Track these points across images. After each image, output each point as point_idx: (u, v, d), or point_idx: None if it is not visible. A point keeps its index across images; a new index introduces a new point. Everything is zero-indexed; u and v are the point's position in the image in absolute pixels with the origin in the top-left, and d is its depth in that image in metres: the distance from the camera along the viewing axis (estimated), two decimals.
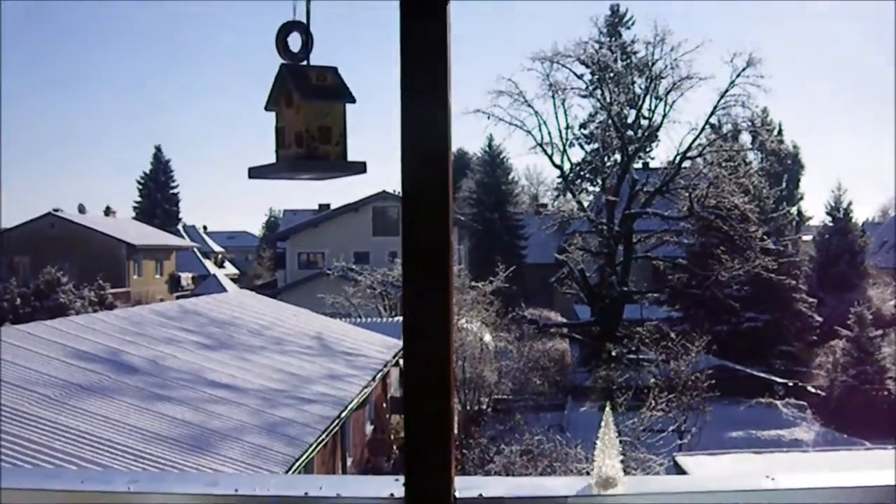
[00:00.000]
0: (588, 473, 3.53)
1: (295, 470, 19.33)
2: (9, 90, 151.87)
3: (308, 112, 3.82)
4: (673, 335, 38.29)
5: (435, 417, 3.66)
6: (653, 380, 35.19)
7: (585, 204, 61.90)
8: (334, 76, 3.92)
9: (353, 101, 3.91)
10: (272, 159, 4.03)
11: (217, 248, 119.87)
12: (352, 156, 3.97)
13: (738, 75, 53.69)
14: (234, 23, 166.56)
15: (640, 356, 42.22)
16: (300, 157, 3.82)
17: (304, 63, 3.95)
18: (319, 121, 3.83)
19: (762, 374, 46.10)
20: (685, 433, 32.93)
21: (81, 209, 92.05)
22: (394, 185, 66.14)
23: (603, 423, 3.80)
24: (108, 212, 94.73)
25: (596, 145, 65.10)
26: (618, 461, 3.68)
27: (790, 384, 45.50)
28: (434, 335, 3.66)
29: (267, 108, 4.01)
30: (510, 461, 26.44)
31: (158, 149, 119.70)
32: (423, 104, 3.69)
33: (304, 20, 3.94)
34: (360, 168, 3.96)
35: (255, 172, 3.99)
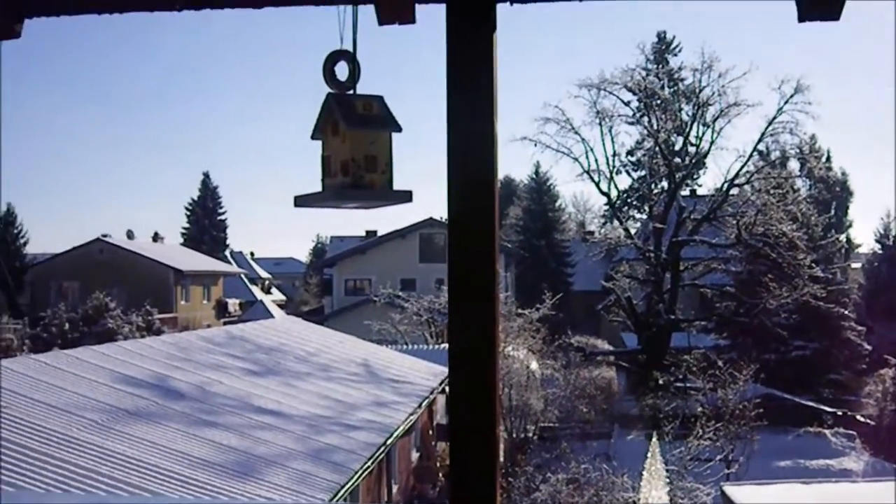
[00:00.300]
0: (634, 503, 3.51)
1: (340, 497, 19.31)
2: (60, 120, 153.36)
3: (354, 141, 3.83)
4: (720, 363, 38.00)
5: (481, 446, 3.65)
6: (700, 408, 34.94)
7: (632, 231, 61.69)
8: (380, 105, 3.93)
9: (398, 129, 3.92)
10: (318, 187, 4.04)
11: (264, 275, 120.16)
12: (399, 182, 3.98)
13: (785, 102, 53.46)
14: (282, 50, 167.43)
15: (688, 384, 41.89)
16: (346, 185, 3.83)
17: (351, 92, 3.97)
18: (365, 149, 3.84)
19: (810, 403, 45.74)
20: (733, 462, 32.64)
21: (130, 235, 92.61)
22: (441, 211, 66.19)
23: (649, 454, 3.78)
24: (156, 238, 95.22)
25: (643, 172, 64.90)
26: (664, 492, 3.66)
27: (839, 413, 45.06)
28: (480, 363, 3.65)
29: (313, 137, 4.02)
30: (556, 490, 26.29)
31: (206, 175, 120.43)
32: (470, 130, 3.69)
33: (351, 49, 3.96)
34: (405, 197, 3.96)
35: (301, 201, 4.00)
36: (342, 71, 3.98)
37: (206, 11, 4.08)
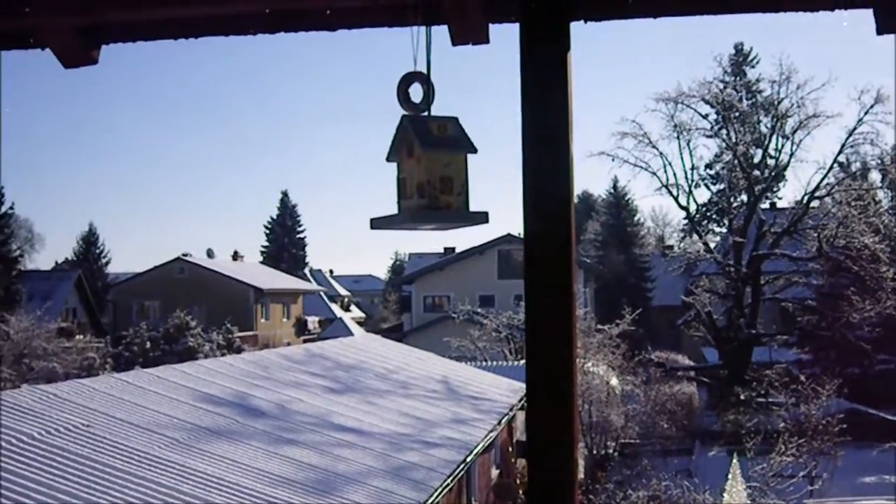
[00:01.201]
0: None
1: None
2: (143, 141, 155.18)
3: (429, 163, 3.81)
4: (802, 378, 37.59)
5: (559, 462, 3.63)
6: (782, 424, 34.53)
7: (712, 245, 61.30)
8: (455, 126, 3.92)
9: (474, 151, 3.90)
10: (394, 208, 4.04)
11: (343, 292, 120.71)
12: (477, 198, 3.97)
13: (865, 112, 52.94)
14: (359, 71, 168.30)
15: (769, 400, 41.52)
16: (422, 208, 3.81)
17: (426, 113, 3.97)
18: (441, 171, 3.83)
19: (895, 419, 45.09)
20: (816, 479, 32.21)
21: (210, 254, 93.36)
22: (519, 227, 66.17)
23: (730, 475, 3.74)
24: (235, 256, 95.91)
25: (722, 185, 64.50)
26: None
27: None
28: (558, 379, 3.64)
29: (388, 159, 4.02)
30: None
31: (285, 194, 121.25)
32: (545, 148, 3.68)
33: (425, 70, 3.96)
34: (482, 218, 3.94)
35: (378, 223, 4.00)
36: (416, 92, 3.98)
37: (282, 35, 4.12)
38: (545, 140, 3.71)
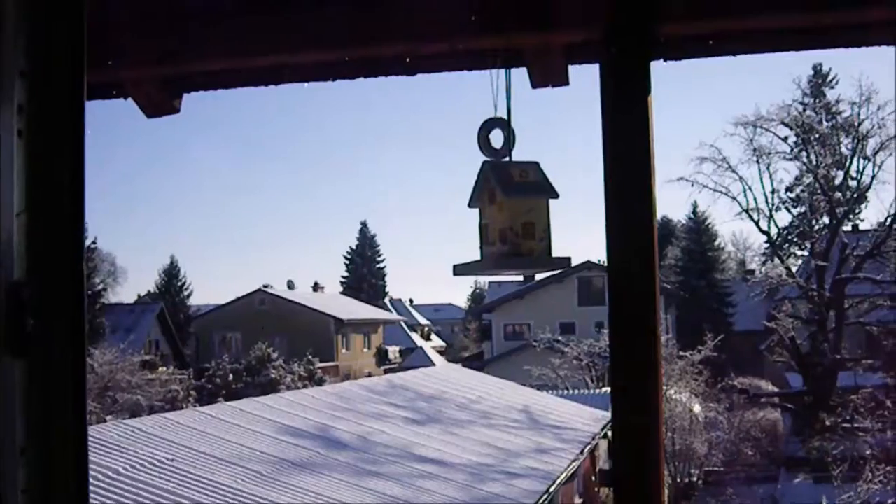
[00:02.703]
0: None
1: None
2: (221, 170, 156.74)
3: (511, 209, 3.82)
4: (889, 403, 37.07)
5: (645, 493, 3.60)
6: (869, 450, 34.09)
7: (794, 269, 60.69)
8: (536, 172, 3.92)
9: (555, 196, 3.90)
10: (472, 234, 4.04)
11: (423, 321, 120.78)
12: (557, 230, 3.96)
13: None
14: (436, 104, 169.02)
15: (855, 425, 40.96)
16: (504, 254, 3.82)
17: (507, 159, 3.97)
18: (523, 217, 3.83)
19: None
20: None
21: (290, 285, 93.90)
22: (598, 254, 65.88)
23: None
24: (316, 287, 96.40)
25: (803, 208, 63.90)
26: None
27: None
28: (644, 409, 3.61)
29: (470, 205, 4.02)
30: None
31: (364, 224, 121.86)
32: (627, 171, 3.67)
33: (506, 115, 3.96)
34: (563, 264, 3.94)
35: (461, 270, 4.01)
36: (497, 138, 3.98)
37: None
38: (628, 185, 3.69)
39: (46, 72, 1.59)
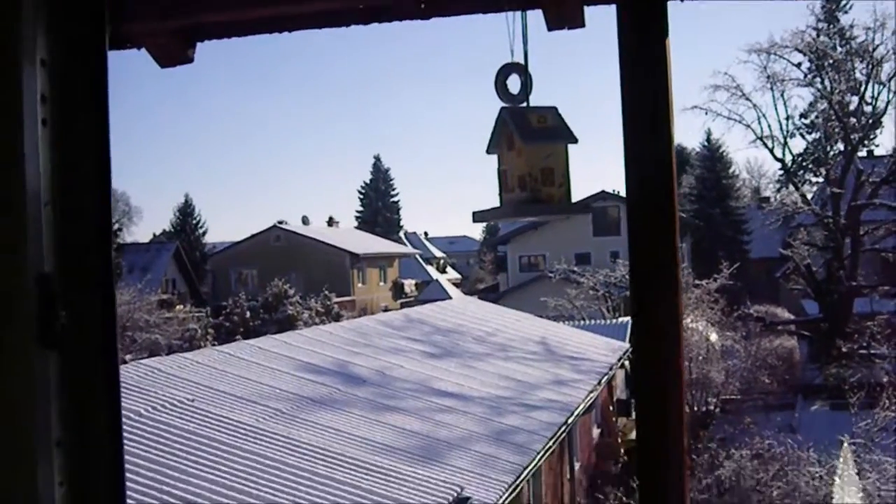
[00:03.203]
0: (821, 478, 3.42)
1: (523, 478, 19.36)
2: (233, 108, 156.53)
3: (530, 155, 3.81)
4: None
5: (667, 422, 3.61)
6: (886, 377, 34.06)
7: (809, 196, 60.49)
8: (555, 117, 3.90)
9: (574, 141, 3.88)
10: (486, 171, 4.03)
11: (438, 254, 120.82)
12: (574, 160, 3.95)
13: None
14: (450, 41, 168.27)
15: (872, 352, 40.92)
16: (524, 200, 3.81)
17: (524, 105, 3.94)
18: (542, 163, 3.82)
19: None
20: None
21: (305, 221, 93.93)
22: (611, 184, 65.60)
23: (841, 460, 3.68)
24: (330, 222, 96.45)
25: (818, 135, 63.51)
26: (857, 498, 3.56)
27: None
28: (665, 338, 3.62)
29: (488, 152, 4.01)
30: (740, 466, 25.88)
31: (377, 158, 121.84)
32: (646, 128, 3.64)
33: (522, 60, 3.93)
34: (583, 209, 3.98)
35: (480, 216, 4.01)
36: (514, 83, 3.96)
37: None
38: (646, 123, 3.67)
39: (68, 61, 1.58)
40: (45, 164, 1.53)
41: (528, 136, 3.82)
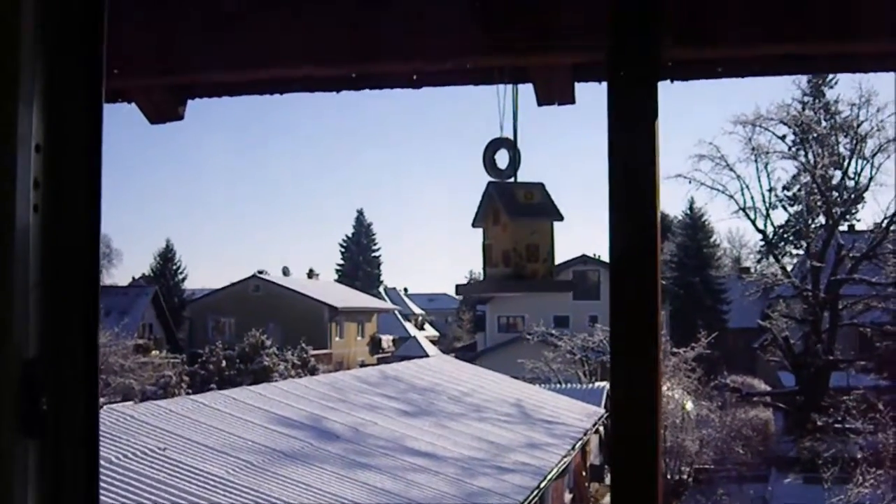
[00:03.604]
0: None
1: None
2: (218, 156, 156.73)
3: (516, 230, 3.83)
4: (881, 406, 37.01)
5: (643, 490, 3.61)
6: (860, 452, 34.03)
7: (789, 268, 60.64)
8: (541, 193, 3.92)
9: (560, 218, 3.90)
10: (468, 213, 4.04)
11: (417, 311, 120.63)
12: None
13: None
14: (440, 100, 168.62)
15: (847, 426, 40.93)
16: (508, 276, 3.82)
17: (511, 180, 3.96)
18: (527, 239, 3.84)
19: None
20: None
21: (286, 272, 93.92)
22: (593, 248, 65.67)
23: None
24: (311, 274, 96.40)
25: (800, 207, 63.77)
26: None
27: None
28: (644, 405, 3.62)
29: (474, 226, 4.03)
30: None
31: (360, 213, 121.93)
32: (632, 195, 3.65)
33: (512, 136, 3.96)
34: (566, 287, 3.97)
35: (464, 290, 4.02)
36: (502, 158, 3.98)
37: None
38: (632, 207, 3.68)
39: (63, 147, 1.59)
40: (35, 250, 1.53)
41: (515, 212, 3.84)
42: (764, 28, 3.73)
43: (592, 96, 3.92)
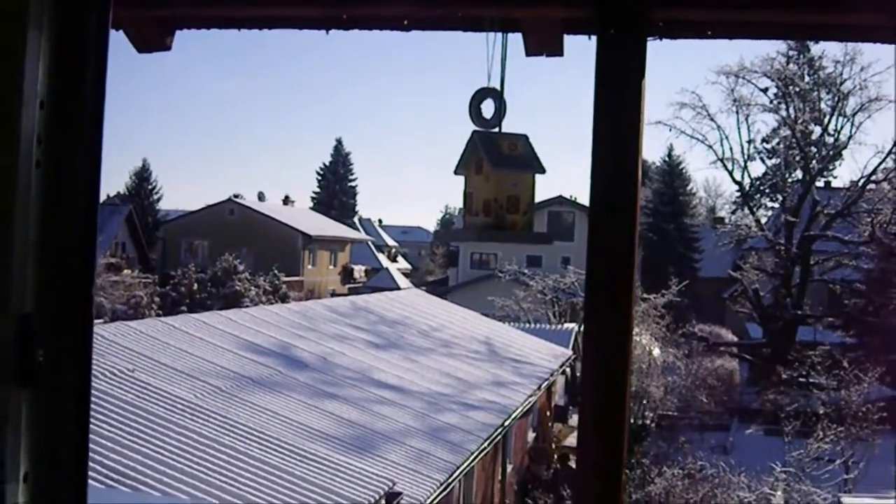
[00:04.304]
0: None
1: (455, 477, 19.42)
2: (200, 76, 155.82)
3: (498, 181, 3.85)
4: (846, 363, 37.25)
5: (610, 433, 3.65)
6: (822, 408, 34.26)
7: (763, 221, 60.79)
8: (525, 145, 3.94)
9: (542, 171, 3.92)
10: (455, 154, 4.06)
11: (391, 243, 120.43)
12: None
13: None
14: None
15: (811, 381, 41.16)
16: (488, 226, 3.85)
17: (496, 130, 3.98)
18: (508, 190, 3.86)
19: None
20: (853, 466, 31.92)
21: (261, 197, 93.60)
22: (569, 189, 65.52)
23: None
24: (286, 201, 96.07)
25: (778, 160, 63.81)
26: None
27: None
28: (615, 350, 3.66)
29: (456, 173, 4.04)
30: (671, 484, 26.03)
31: (339, 141, 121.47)
32: (616, 156, 3.68)
33: (499, 85, 3.97)
34: (545, 238, 4.02)
35: (443, 236, 4.10)
36: (488, 108, 3.99)
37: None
38: (616, 154, 3.71)
39: (67, 103, 1.60)
40: (36, 206, 1.54)
41: (498, 163, 3.86)
42: None
43: (581, 50, 3.94)
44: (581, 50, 3.87)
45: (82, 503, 1.63)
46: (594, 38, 3.74)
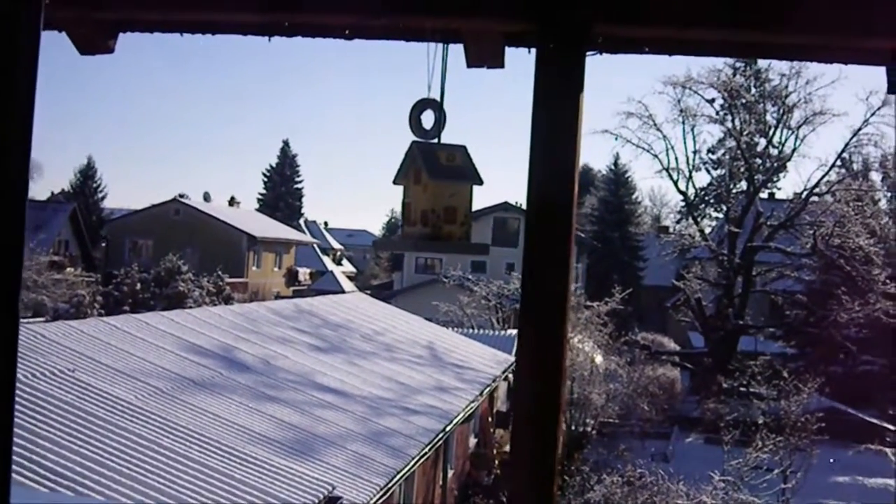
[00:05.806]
0: None
1: (396, 481, 19.43)
2: (146, 76, 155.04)
3: (435, 191, 3.87)
4: (786, 373, 37.55)
5: (543, 439, 3.67)
6: (762, 417, 34.53)
7: (707, 231, 61.20)
8: (463, 156, 3.96)
9: (479, 183, 3.95)
10: (398, 157, 4.08)
11: (336, 245, 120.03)
12: (478, 164, 4.01)
13: (872, 114, 52.52)
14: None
15: (751, 391, 41.49)
16: (425, 236, 3.86)
17: (435, 141, 4.00)
18: (446, 201, 3.88)
19: (874, 420, 45.00)
20: (791, 476, 32.19)
21: (206, 197, 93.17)
22: (515, 196, 65.70)
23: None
24: (232, 202, 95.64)
25: (722, 171, 64.20)
26: None
27: None
28: (549, 356, 3.68)
29: (395, 182, 4.06)
30: (610, 492, 26.17)
31: (286, 143, 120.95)
32: (553, 165, 3.71)
33: (439, 97, 3.99)
34: (482, 250, 4.01)
35: (380, 245, 4.16)
36: (428, 119, 4.01)
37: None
38: (552, 166, 3.74)
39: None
40: None
41: (436, 174, 3.88)
42: (693, 12, 3.79)
43: (521, 62, 3.97)
44: (525, 59, 3.91)
45: (5, 465, 1.63)
46: (534, 50, 3.77)
